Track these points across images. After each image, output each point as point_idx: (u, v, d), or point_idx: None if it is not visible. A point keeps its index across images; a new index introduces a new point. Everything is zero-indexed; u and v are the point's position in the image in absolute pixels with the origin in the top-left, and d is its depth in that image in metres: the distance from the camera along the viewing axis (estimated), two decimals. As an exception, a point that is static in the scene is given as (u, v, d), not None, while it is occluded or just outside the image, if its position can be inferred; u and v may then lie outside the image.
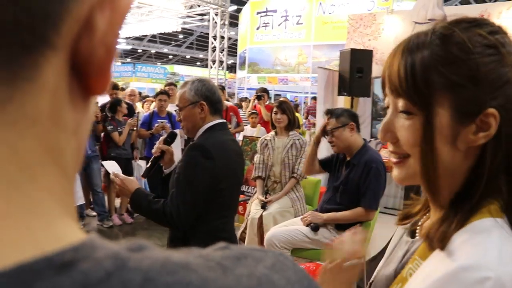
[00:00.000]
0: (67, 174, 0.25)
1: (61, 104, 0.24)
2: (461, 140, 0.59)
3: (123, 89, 5.40)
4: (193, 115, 1.84)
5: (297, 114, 5.15)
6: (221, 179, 1.74)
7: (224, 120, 1.92)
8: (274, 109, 3.58)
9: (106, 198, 4.87)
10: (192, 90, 1.84)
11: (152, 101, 6.25)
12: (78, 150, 0.26)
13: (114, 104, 4.83)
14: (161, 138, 1.99)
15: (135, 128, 4.97)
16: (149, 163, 1.98)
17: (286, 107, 3.53)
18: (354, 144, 2.74)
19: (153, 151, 1.98)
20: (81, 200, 4.47)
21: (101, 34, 0.23)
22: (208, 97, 1.84)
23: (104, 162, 2.49)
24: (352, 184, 2.69)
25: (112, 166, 2.34)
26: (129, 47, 26.44)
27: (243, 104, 7.62)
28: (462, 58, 0.58)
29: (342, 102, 5.41)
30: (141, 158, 5.25)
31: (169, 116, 5.01)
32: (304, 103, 15.05)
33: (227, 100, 6.32)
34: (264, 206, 3.42)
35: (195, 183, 1.70)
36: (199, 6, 12.89)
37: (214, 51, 13.04)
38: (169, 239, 1.88)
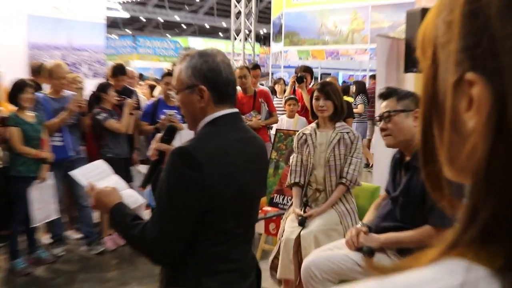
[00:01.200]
0: None
1: None
2: None
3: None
4: (191, 103, 1.83)
5: (349, 99, 5.14)
6: (214, 195, 1.73)
7: (235, 111, 1.89)
8: (315, 94, 3.62)
9: (95, 214, 5.07)
10: (189, 69, 1.81)
11: (154, 85, 6.43)
12: None
13: (100, 90, 5.04)
14: (157, 136, 2.04)
15: (133, 113, 5.10)
16: (148, 169, 2.06)
17: (331, 90, 3.57)
18: (416, 138, 2.75)
19: (149, 153, 2.04)
20: (54, 215, 4.60)
21: None
22: (209, 79, 1.81)
23: (75, 171, 2.30)
24: (415, 195, 2.67)
25: (90, 172, 2.27)
26: (127, 14, 26.82)
27: (277, 87, 7.68)
28: None
29: (411, 82, 5.40)
30: (142, 162, 5.43)
31: (180, 105, 5.17)
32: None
33: (255, 80, 6.39)
34: (302, 222, 3.47)
35: (177, 201, 1.72)
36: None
37: (238, 17, 13.16)
38: (161, 272, 1.91)
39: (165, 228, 1.72)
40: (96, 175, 2.25)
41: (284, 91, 7.28)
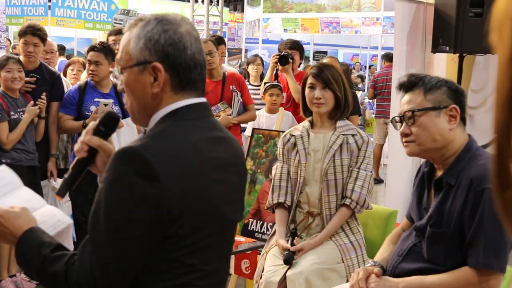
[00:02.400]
0: None
1: None
2: None
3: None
4: (140, 87, 1.83)
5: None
6: (176, 218, 1.72)
7: (203, 100, 1.91)
8: (309, 81, 3.62)
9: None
10: (141, 39, 1.81)
11: (83, 63, 6.32)
12: None
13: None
14: (89, 125, 1.99)
15: (43, 116, 5.01)
16: (69, 170, 2.01)
17: (331, 76, 3.58)
18: (451, 145, 2.75)
19: (75, 148, 1.99)
20: None
21: None
22: (168, 55, 1.80)
23: None
24: (449, 223, 2.68)
25: None
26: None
27: (252, 69, 7.63)
28: None
29: (443, 65, 5.43)
30: (61, 171, 5.35)
31: (117, 92, 5.09)
32: (370, 67, 15.06)
33: (223, 59, 6.35)
34: (289, 259, 3.46)
35: (122, 227, 1.70)
36: None
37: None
38: None
39: (103, 265, 1.68)
40: None
41: (262, 75, 7.26)
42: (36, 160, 5.02)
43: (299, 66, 6.70)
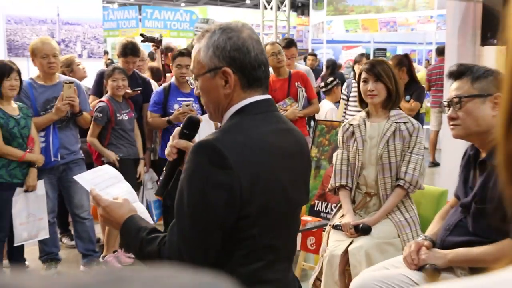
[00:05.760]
0: None
1: None
2: None
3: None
4: (214, 90, 1.86)
5: (420, 75, 5.08)
6: (248, 201, 1.75)
7: (268, 97, 1.93)
8: (363, 75, 3.64)
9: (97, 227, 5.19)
10: (210, 48, 1.84)
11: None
12: None
13: (109, 75, 5.09)
14: (175, 131, 2.07)
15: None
16: (164, 173, 2.08)
17: (382, 70, 3.58)
18: (494, 130, 2.71)
19: (166, 152, 2.06)
20: (43, 234, 4.64)
21: None
22: (235, 59, 1.83)
23: (79, 176, 2.32)
24: (493, 200, 2.63)
25: (96, 178, 2.27)
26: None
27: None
28: None
29: (492, 57, 5.32)
30: (152, 163, 5.53)
31: (197, 91, 5.21)
32: (427, 60, 14.75)
33: (290, 61, 6.34)
34: (367, 230, 3.46)
35: (202, 210, 1.75)
36: None
37: (269, -19, 13.18)
38: None
39: (188, 244, 1.76)
40: (104, 182, 2.28)
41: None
42: (138, 154, 5.27)
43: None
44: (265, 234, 1.83)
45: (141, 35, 6.58)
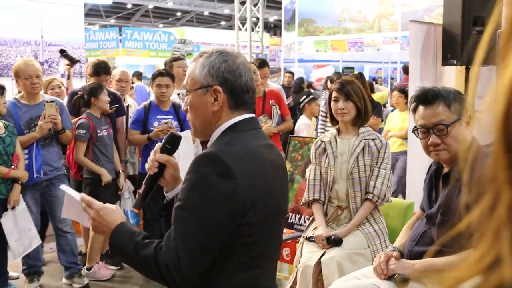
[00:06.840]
0: None
1: None
2: None
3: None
4: (203, 106, 1.91)
5: (380, 94, 5.11)
6: (249, 208, 1.78)
7: (253, 115, 1.98)
8: (334, 94, 3.68)
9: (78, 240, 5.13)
10: (206, 67, 1.90)
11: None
12: None
13: (90, 93, 5.08)
14: (157, 146, 2.09)
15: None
16: (143, 186, 2.09)
17: (352, 90, 3.63)
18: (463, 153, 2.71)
19: (146, 166, 2.07)
20: (35, 242, 4.65)
21: None
22: (228, 81, 1.89)
23: (65, 186, 2.37)
24: (457, 212, 2.62)
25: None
26: (110, 0, 26.67)
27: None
28: None
29: (451, 76, 5.41)
30: (129, 177, 5.53)
31: (175, 109, 5.23)
32: (392, 79, 14.92)
33: (263, 80, 6.39)
34: (338, 242, 3.47)
35: (205, 217, 1.76)
36: None
37: (243, 3, 13.23)
38: None
39: (188, 248, 1.75)
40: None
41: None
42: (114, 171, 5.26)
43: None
44: (261, 242, 1.87)
45: (61, 50, 6.49)
